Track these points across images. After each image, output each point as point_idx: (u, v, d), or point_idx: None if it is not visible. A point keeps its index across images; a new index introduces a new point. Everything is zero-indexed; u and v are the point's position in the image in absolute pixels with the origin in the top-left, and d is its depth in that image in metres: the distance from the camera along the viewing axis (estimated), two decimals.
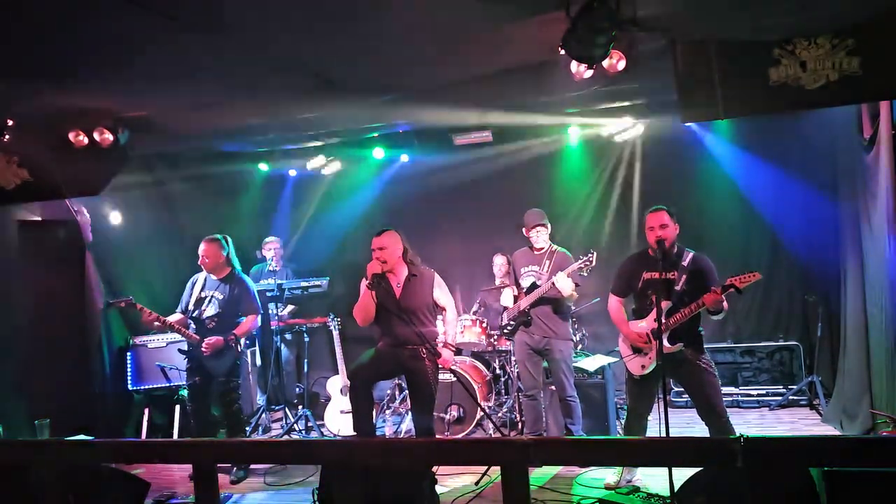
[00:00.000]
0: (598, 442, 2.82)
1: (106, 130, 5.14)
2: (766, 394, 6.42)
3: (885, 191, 4.40)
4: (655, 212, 4.25)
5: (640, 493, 4.38)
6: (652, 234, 4.22)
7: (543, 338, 5.21)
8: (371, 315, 4.54)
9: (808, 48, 3.86)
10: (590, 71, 3.97)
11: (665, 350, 4.01)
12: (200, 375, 5.17)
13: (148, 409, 6.22)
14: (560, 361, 5.18)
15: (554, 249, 5.29)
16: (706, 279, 4.17)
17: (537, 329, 5.24)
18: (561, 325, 5.23)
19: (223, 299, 5.21)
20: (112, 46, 3.82)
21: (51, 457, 2.92)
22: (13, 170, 5.43)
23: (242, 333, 5.25)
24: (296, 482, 5.02)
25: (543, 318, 5.22)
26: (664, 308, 4.13)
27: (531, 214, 5.33)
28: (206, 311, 5.19)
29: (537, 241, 5.29)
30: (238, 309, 5.27)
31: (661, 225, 4.18)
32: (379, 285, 4.48)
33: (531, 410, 5.38)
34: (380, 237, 4.55)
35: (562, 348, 5.20)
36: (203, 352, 5.07)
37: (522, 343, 5.31)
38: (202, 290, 5.25)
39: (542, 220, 5.27)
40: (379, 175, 7.78)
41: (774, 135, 6.39)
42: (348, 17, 3.62)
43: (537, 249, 5.32)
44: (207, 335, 5.12)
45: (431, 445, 2.93)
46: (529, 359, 5.29)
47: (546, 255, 5.28)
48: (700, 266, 4.22)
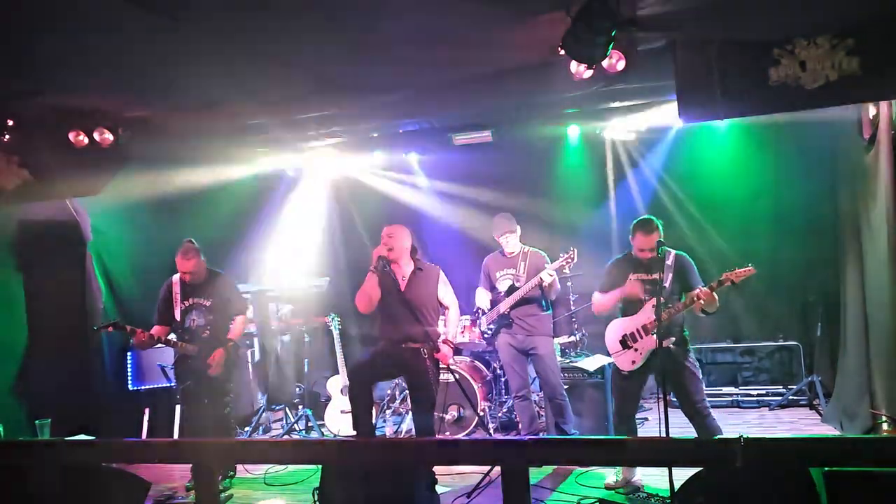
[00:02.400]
0: (597, 442, 2.82)
1: (106, 130, 5.13)
2: (766, 394, 6.42)
3: (885, 191, 4.39)
4: (647, 235, 4.29)
5: (640, 493, 4.38)
6: (642, 254, 4.35)
7: (527, 336, 5.23)
8: (374, 300, 4.54)
9: (807, 48, 3.86)
10: (590, 71, 3.97)
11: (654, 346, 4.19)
12: (192, 378, 4.97)
13: (148, 409, 6.23)
14: (545, 357, 5.18)
15: (527, 251, 5.34)
16: (689, 277, 4.37)
17: (519, 329, 5.27)
18: (541, 323, 5.26)
19: (211, 305, 5.01)
20: (112, 46, 3.82)
21: (51, 457, 2.91)
22: (13, 170, 5.43)
23: (237, 336, 5.11)
24: (296, 482, 5.02)
25: (524, 318, 5.25)
26: (651, 305, 4.27)
27: (499, 221, 5.36)
28: (195, 321, 4.98)
29: (507, 246, 5.34)
30: (230, 310, 5.10)
31: (650, 248, 4.29)
32: (384, 269, 4.50)
33: (525, 411, 5.39)
34: (390, 227, 4.68)
35: (545, 344, 5.22)
36: (210, 371, 4.87)
37: (506, 345, 5.33)
38: (185, 298, 5.02)
39: (510, 227, 5.29)
40: (379, 175, 7.78)
41: (774, 135, 6.39)
42: (349, 17, 3.62)
43: (509, 253, 5.36)
44: (204, 344, 4.93)
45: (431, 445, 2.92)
46: (515, 359, 5.31)
47: (520, 256, 5.32)
48: (682, 265, 4.40)
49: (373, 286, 4.53)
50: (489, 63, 4.48)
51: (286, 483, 5.04)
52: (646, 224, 4.32)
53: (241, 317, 5.18)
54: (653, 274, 4.31)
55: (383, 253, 4.51)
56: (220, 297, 5.06)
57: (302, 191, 8.03)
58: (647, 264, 4.36)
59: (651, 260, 4.32)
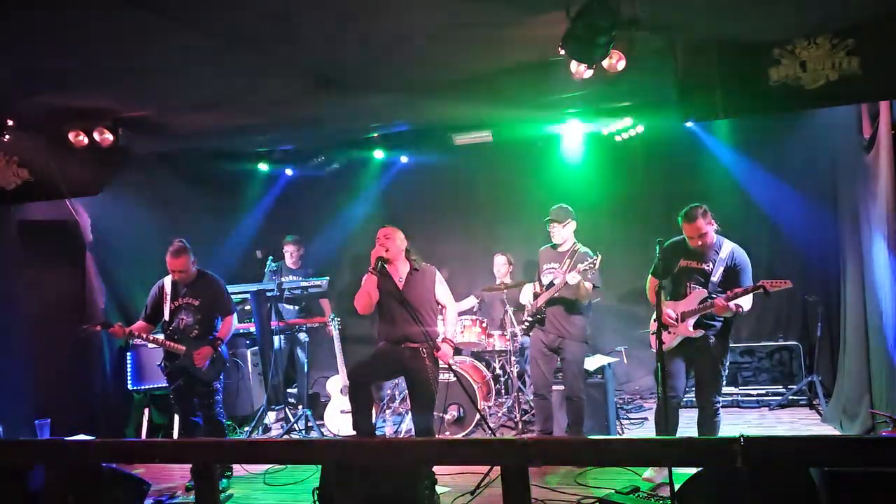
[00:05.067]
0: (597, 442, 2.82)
1: (106, 130, 5.12)
2: (766, 394, 6.42)
3: (885, 191, 4.39)
4: (689, 223, 4.29)
5: (640, 493, 4.38)
6: (692, 241, 4.35)
7: (557, 337, 5.22)
8: (373, 301, 4.58)
9: (808, 48, 3.86)
10: (590, 71, 3.97)
11: (688, 334, 4.36)
12: (184, 378, 4.98)
13: (148, 409, 6.22)
14: (572, 363, 5.19)
15: (577, 249, 5.25)
16: (740, 277, 4.34)
17: (551, 327, 5.24)
18: (574, 326, 5.21)
19: (199, 305, 5.02)
20: (112, 46, 3.82)
21: (51, 457, 2.91)
22: (13, 170, 5.43)
23: (224, 336, 5.07)
24: (296, 482, 5.02)
25: (558, 318, 5.22)
26: (699, 297, 4.35)
27: (554, 209, 5.31)
28: (184, 321, 5.00)
29: (554, 238, 5.29)
30: (218, 311, 5.09)
31: (699, 235, 4.29)
32: (382, 269, 4.54)
33: (541, 410, 5.38)
34: (385, 229, 4.73)
35: (574, 349, 5.20)
36: (198, 366, 4.89)
37: (537, 340, 5.32)
38: (174, 298, 5.04)
39: (555, 217, 5.24)
40: (379, 175, 7.78)
41: (774, 135, 6.39)
42: (348, 17, 3.62)
43: (560, 247, 5.31)
44: (193, 345, 4.93)
45: (431, 445, 2.92)
46: (543, 356, 5.29)
47: (568, 253, 5.25)
48: (735, 262, 4.37)
49: (371, 287, 4.55)
50: (489, 63, 4.48)
51: (286, 483, 5.03)
52: (687, 213, 4.32)
53: (229, 317, 5.15)
54: (702, 263, 4.35)
55: (381, 254, 4.54)
56: (207, 297, 5.06)
57: (302, 191, 8.04)
58: (698, 252, 4.36)
59: (702, 248, 4.33)
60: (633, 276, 6.23)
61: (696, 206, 4.33)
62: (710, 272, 4.34)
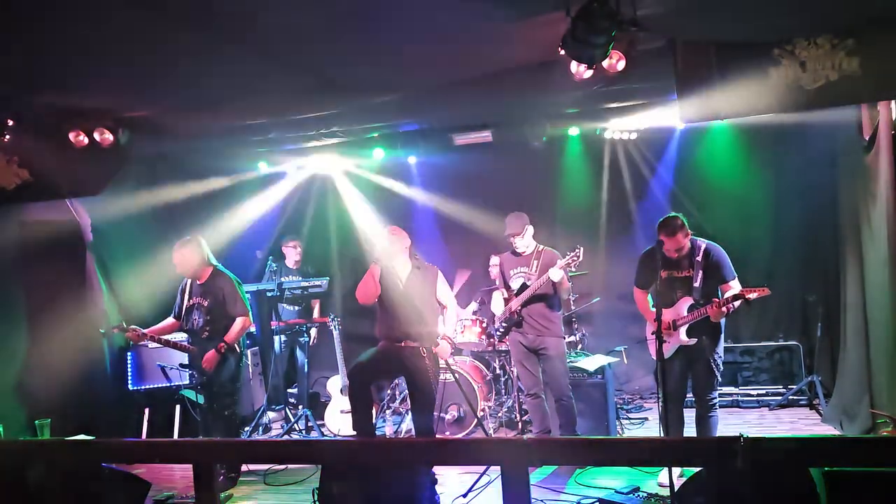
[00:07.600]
0: (597, 442, 2.82)
1: (106, 130, 5.12)
2: (766, 394, 6.42)
3: (885, 191, 4.40)
4: (669, 237, 4.33)
5: (640, 493, 4.38)
6: (669, 253, 4.41)
7: (537, 336, 5.19)
8: (374, 293, 4.64)
9: (808, 48, 3.86)
10: (590, 71, 3.97)
11: (683, 343, 4.42)
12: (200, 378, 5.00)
13: (148, 409, 6.22)
14: (555, 359, 5.14)
15: (541, 249, 5.26)
16: (721, 272, 4.41)
17: (529, 328, 5.20)
18: (553, 323, 5.20)
19: (208, 305, 5.00)
20: (112, 46, 3.82)
21: (51, 457, 2.92)
22: (13, 170, 5.42)
23: (232, 339, 4.96)
24: (296, 482, 5.02)
25: (535, 317, 5.18)
26: (686, 304, 4.42)
27: (509, 221, 5.25)
28: (196, 322, 5.02)
29: (518, 247, 5.26)
30: (227, 312, 5.02)
31: (677, 249, 4.37)
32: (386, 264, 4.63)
33: (537, 410, 5.36)
34: (391, 227, 4.89)
35: (556, 345, 5.18)
36: (206, 369, 4.88)
37: (517, 343, 5.29)
38: (189, 297, 5.06)
39: (516, 230, 5.18)
40: (379, 175, 7.78)
41: (774, 135, 6.39)
42: (349, 17, 3.62)
43: (522, 252, 5.30)
44: (204, 346, 4.94)
45: (431, 445, 2.93)
46: (526, 358, 5.28)
47: (533, 255, 5.25)
48: (713, 260, 4.43)
49: (375, 278, 4.63)
50: (489, 63, 4.48)
51: (286, 483, 5.03)
52: (666, 226, 4.34)
53: (240, 318, 5.04)
54: (683, 272, 4.43)
55: (386, 246, 4.67)
56: (216, 297, 5.00)
57: (302, 191, 8.03)
58: (677, 261, 4.44)
59: (681, 257, 4.41)
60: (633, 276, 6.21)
61: (674, 218, 4.37)
62: (693, 278, 4.41)
